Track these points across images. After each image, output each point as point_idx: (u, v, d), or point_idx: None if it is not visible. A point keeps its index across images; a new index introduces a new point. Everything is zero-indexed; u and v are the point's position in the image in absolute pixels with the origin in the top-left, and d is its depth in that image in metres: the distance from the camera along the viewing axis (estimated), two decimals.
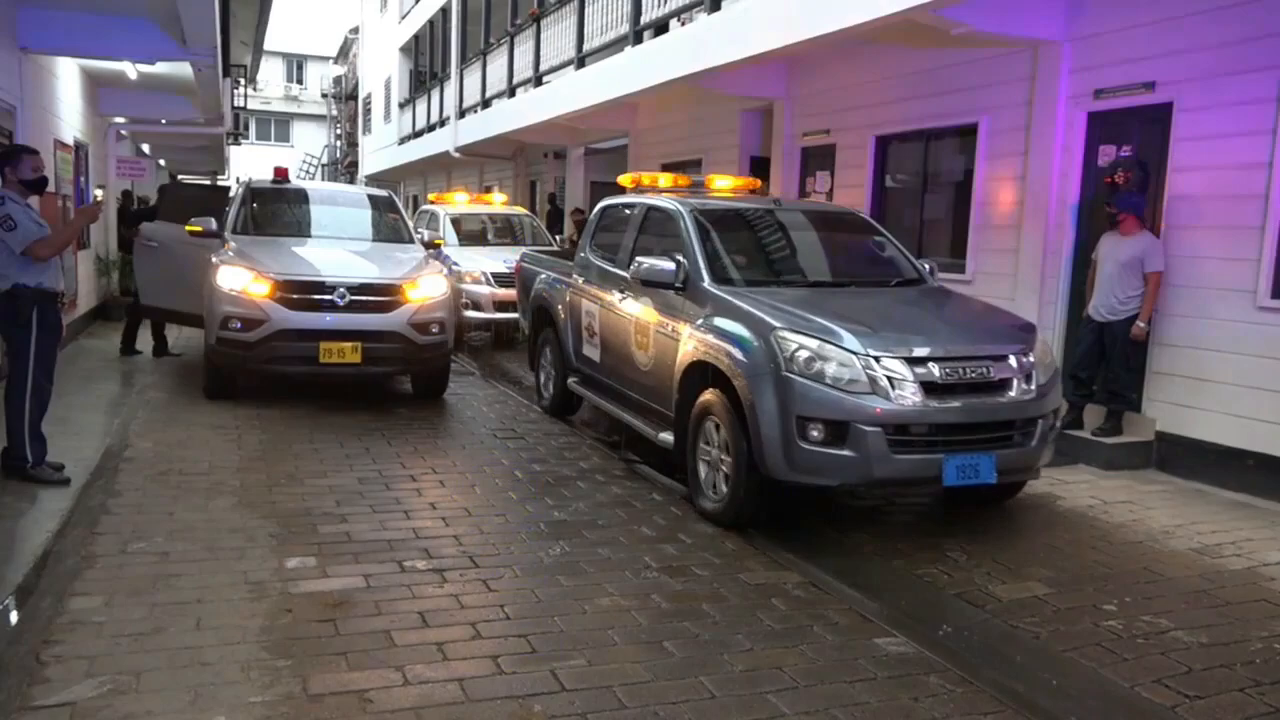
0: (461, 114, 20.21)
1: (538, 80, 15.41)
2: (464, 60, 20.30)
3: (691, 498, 5.61)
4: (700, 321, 5.57)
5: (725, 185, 7.43)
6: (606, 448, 7.11)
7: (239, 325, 7.51)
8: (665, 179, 7.47)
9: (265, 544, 4.69)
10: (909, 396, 4.82)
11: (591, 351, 7.21)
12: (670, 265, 5.88)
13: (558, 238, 15.36)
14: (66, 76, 11.38)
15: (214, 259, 8.08)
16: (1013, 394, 5.06)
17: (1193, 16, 6.62)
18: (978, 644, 3.98)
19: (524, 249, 11.47)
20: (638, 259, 6.13)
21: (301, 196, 9.83)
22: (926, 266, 6.58)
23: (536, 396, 8.50)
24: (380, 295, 7.81)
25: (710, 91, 11.13)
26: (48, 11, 9.14)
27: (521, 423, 7.84)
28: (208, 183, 26.18)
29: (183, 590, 4.08)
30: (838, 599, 4.34)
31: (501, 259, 11.80)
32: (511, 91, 16.82)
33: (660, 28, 11.77)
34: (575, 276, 7.61)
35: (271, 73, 46.07)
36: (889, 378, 4.82)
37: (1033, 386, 5.14)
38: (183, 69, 11.20)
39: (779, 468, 4.92)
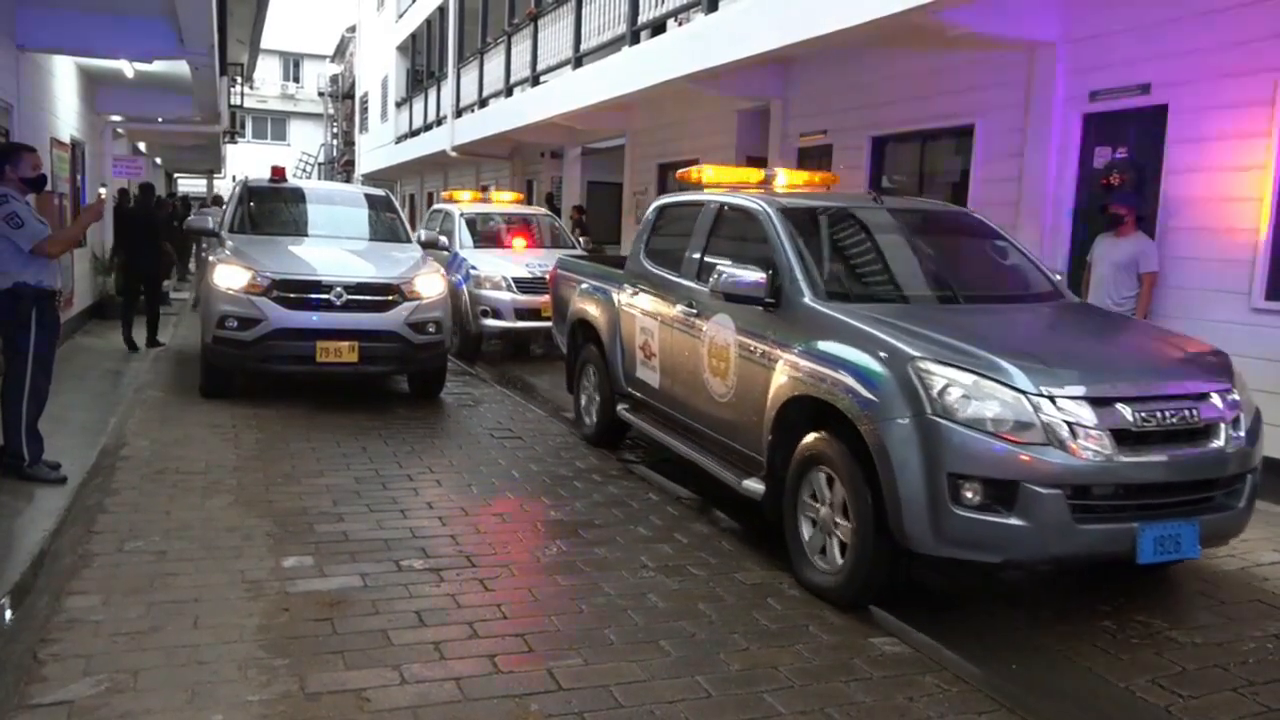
0: (458, 113, 20.22)
1: (535, 80, 15.42)
2: (461, 59, 20.31)
3: (793, 565, 4.53)
4: (801, 346, 4.53)
5: (800, 180, 6.44)
6: (604, 448, 7.12)
7: (236, 324, 7.51)
8: (734, 173, 6.45)
9: (262, 543, 4.70)
10: (1096, 448, 3.79)
11: (648, 375, 6.21)
12: (758, 276, 4.83)
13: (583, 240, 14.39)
14: (63, 74, 11.37)
15: (211, 258, 8.09)
16: (1220, 443, 4.05)
17: (1188, 19, 6.64)
18: (972, 644, 3.99)
19: (545, 251, 11.03)
20: (717, 269, 4.99)
21: (298, 195, 9.85)
22: (1057, 276, 5.56)
23: (575, 422, 7.53)
24: (377, 295, 7.81)
25: (707, 92, 11.14)
26: (45, 10, 9.13)
27: (518, 422, 7.84)
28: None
29: (180, 589, 4.08)
30: None
31: (524, 263, 11.05)
32: (509, 91, 16.82)
33: (658, 28, 11.79)
34: (625, 287, 6.60)
35: (268, 71, 46.02)
36: (1069, 424, 3.80)
37: (1241, 432, 4.15)
38: (180, 67, 11.20)
39: (923, 538, 3.89)
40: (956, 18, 7.31)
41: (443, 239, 11.23)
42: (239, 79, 26.01)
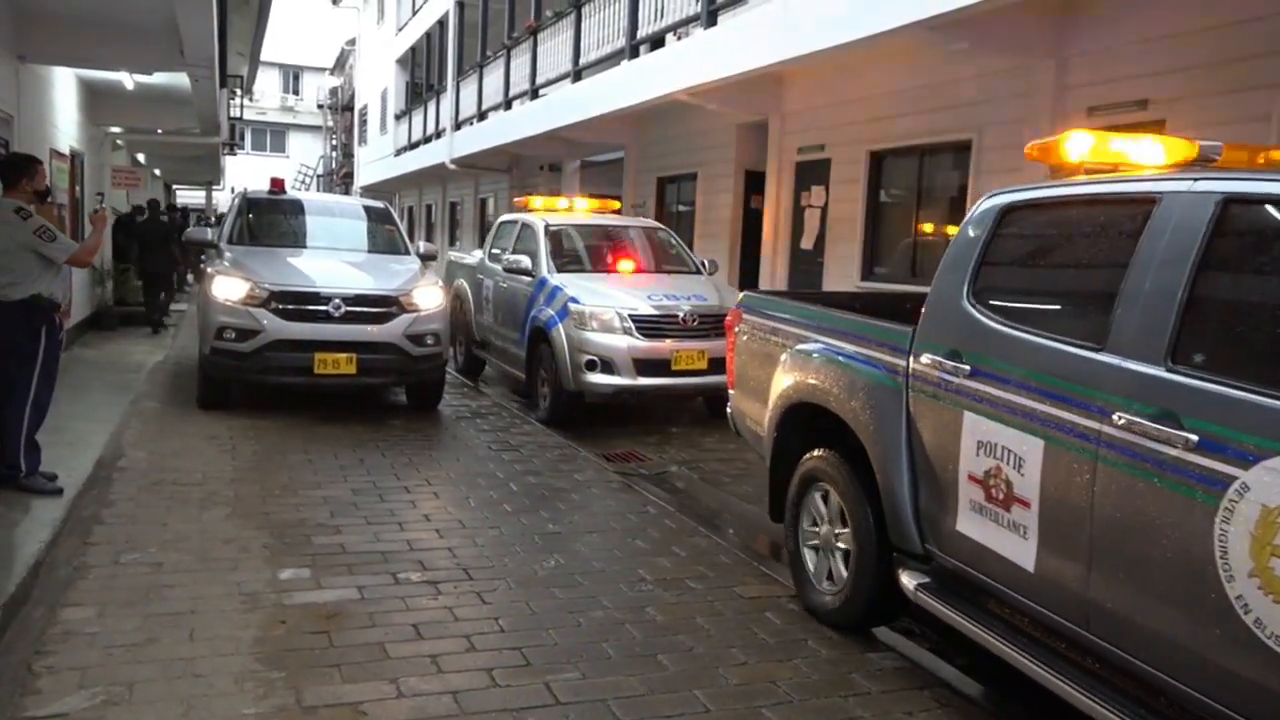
0: (457, 126, 20.28)
1: (534, 93, 15.48)
2: (460, 73, 20.38)
3: None
4: None
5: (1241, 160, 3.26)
6: (602, 460, 7.11)
7: (233, 335, 7.51)
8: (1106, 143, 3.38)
9: (259, 555, 4.68)
10: None
11: (997, 539, 3.28)
12: None
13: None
14: (63, 86, 11.39)
15: (209, 269, 8.09)
16: None
17: (1186, 35, 6.68)
18: (972, 658, 3.98)
19: (670, 278, 8.81)
20: None
21: (297, 207, 9.87)
22: None
23: (797, 585, 4.47)
24: (375, 306, 7.82)
25: (706, 106, 11.19)
26: (46, 21, 9.16)
27: (516, 435, 7.83)
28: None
29: (176, 601, 4.07)
30: None
31: (644, 294, 8.22)
32: (508, 104, 16.88)
33: (656, 42, 11.84)
34: (924, 358, 3.67)
35: (268, 83, 46.17)
36: None
37: None
38: (180, 79, 11.24)
39: None
40: (954, 34, 7.34)
41: (524, 260, 8.99)
42: (239, 91, 26.04)
